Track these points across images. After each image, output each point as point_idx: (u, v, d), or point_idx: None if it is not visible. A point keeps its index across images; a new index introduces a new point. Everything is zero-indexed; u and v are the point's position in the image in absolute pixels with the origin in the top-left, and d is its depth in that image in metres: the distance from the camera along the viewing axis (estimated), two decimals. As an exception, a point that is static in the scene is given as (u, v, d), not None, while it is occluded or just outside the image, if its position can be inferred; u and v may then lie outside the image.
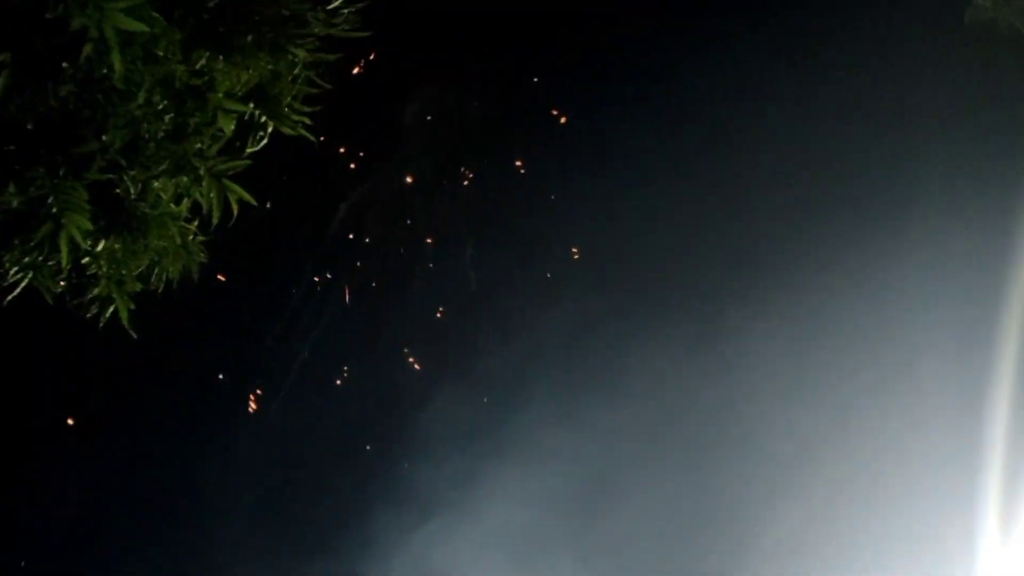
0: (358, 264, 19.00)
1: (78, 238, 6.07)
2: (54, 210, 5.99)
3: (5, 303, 6.75)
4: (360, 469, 18.60)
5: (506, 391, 19.64)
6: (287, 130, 6.11)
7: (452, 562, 17.52)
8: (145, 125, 6.02)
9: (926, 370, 16.11)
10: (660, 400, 18.40)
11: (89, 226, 5.96)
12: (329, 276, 18.55)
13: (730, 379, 17.99)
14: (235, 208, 5.90)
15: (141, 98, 5.78)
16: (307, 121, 6.27)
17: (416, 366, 19.61)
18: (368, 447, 18.87)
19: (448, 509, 17.99)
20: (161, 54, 5.67)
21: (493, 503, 17.86)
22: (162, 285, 6.89)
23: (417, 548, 17.74)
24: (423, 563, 17.65)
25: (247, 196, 5.84)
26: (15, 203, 6.19)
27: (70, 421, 15.90)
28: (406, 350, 19.48)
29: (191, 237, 6.59)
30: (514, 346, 19.94)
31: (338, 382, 18.64)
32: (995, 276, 15.25)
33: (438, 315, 19.83)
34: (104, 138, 6.12)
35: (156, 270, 6.77)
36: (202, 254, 6.68)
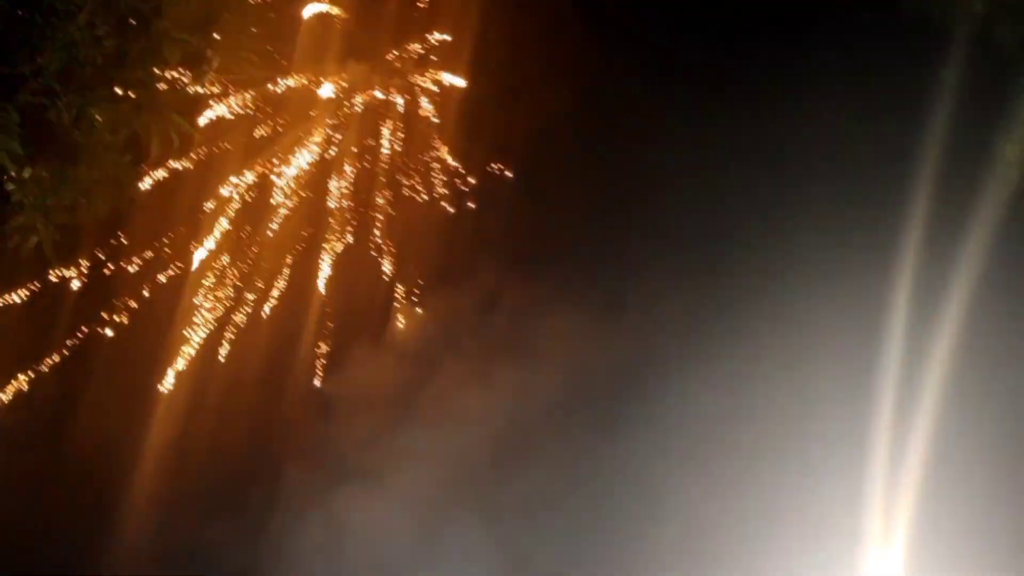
0: (273, 225, 18.58)
1: (6, 162, 5.83)
2: (-19, 131, 5.74)
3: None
4: (270, 428, 18.36)
5: (416, 356, 19.65)
6: (233, 66, 5.99)
7: (361, 522, 17.51)
8: (84, 49, 5.81)
9: (830, 339, 16.76)
10: (567, 366, 18.69)
11: (19, 150, 5.72)
12: (247, 230, 18.05)
13: (635, 348, 18.40)
14: (175, 141, 5.75)
15: (82, 20, 5.57)
16: (255, 58, 6.15)
17: (328, 329, 19.42)
18: (278, 407, 18.62)
19: (358, 470, 17.96)
20: (105, -25, 5.48)
21: (403, 464, 17.93)
22: (87, 218, 6.67)
23: (326, 508, 17.69)
24: (331, 522, 17.60)
25: (189, 128, 5.69)
26: (-64, 122, 5.90)
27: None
28: (319, 313, 19.23)
29: (125, 170, 6.39)
30: (425, 313, 19.94)
31: (251, 342, 18.26)
32: (895, 270, 15.97)
33: (351, 282, 19.61)
34: (39, 60, 5.87)
35: (85, 203, 6.55)
36: (135, 188, 6.50)
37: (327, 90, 15.78)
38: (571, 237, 20.00)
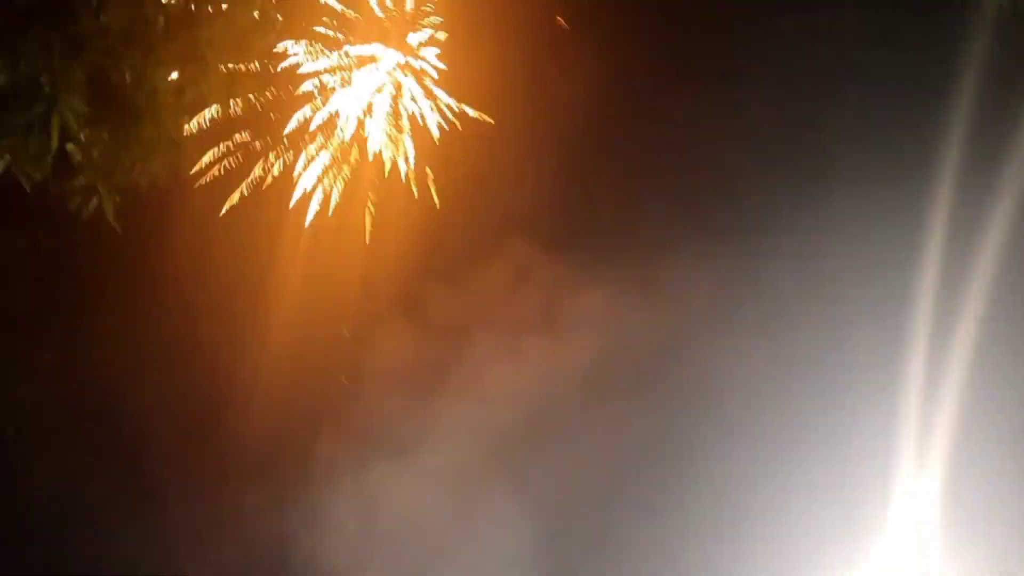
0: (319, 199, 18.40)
1: (71, 122, 5.79)
2: (47, 90, 5.69)
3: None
4: (304, 399, 18.42)
5: (449, 331, 19.62)
6: (299, 30, 5.91)
7: (393, 492, 17.64)
8: (149, 9, 5.73)
9: (853, 319, 16.72)
10: (599, 342, 18.66)
11: (84, 109, 5.67)
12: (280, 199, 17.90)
13: (668, 324, 18.30)
14: (240, 103, 5.68)
15: (149, -22, 5.50)
16: (316, 22, 6.07)
17: (362, 306, 19.39)
18: (313, 378, 18.67)
19: (391, 441, 18.05)
20: (172, -68, 5.41)
21: (435, 435, 17.99)
22: (145, 180, 6.62)
23: (359, 478, 17.80)
24: (364, 492, 17.73)
25: (256, 90, 5.62)
26: (1, 80, 5.86)
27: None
28: (354, 291, 19.18)
29: (184, 133, 6.32)
30: (457, 291, 19.88)
31: (287, 314, 18.23)
32: (926, 246, 15.92)
33: (385, 260, 19.52)
34: (103, 19, 5.80)
35: (141, 164, 6.49)
36: (195, 152, 6.43)
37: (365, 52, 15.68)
38: (603, 215, 19.93)
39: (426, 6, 15.91)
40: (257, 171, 14.94)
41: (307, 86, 12.51)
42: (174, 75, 5.85)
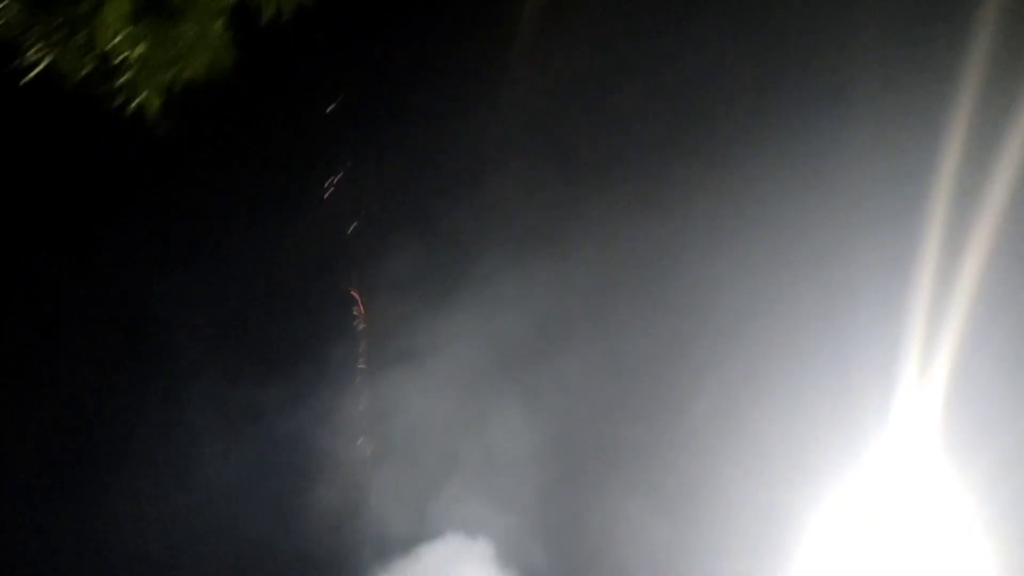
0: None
1: (116, 20, 5.88)
2: (93, -13, 5.76)
3: (22, 83, 6.52)
4: (317, 302, 18.74)
5: (458, 244, 19.80)
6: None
7: (403, 395, 18.14)
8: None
9: (859, 230, 16.91)
10: (606, 253, 18.89)
11: (130, 7, 5.77)
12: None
13: (676, 238, 18.50)
14: (288, 4, 5.77)
15: None
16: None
17: (374, 223, 19.51)
18: (326, 286, 18.92)
19: (402, 347, 18.48)
20: None
21: (445, 343, 18.40)
22: (181, 79, 6.71)
23: (371, 381, 18.27)
24: (375, 395, 18.21)
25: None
26: (46, -23, 5.92)
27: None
28: (364, 207, 19.25)
29: (223, 32, 6.39)
30: (464, 207, 19.99)
31: (303, 223, 18.35)
32: (930, 149, 15.97)
33: (394, 178, 19.52)
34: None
35: (179, 64, 6.58)
36: (232, 51, 6.50)
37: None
38: (606, 129, 19.94)
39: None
40: None
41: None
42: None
